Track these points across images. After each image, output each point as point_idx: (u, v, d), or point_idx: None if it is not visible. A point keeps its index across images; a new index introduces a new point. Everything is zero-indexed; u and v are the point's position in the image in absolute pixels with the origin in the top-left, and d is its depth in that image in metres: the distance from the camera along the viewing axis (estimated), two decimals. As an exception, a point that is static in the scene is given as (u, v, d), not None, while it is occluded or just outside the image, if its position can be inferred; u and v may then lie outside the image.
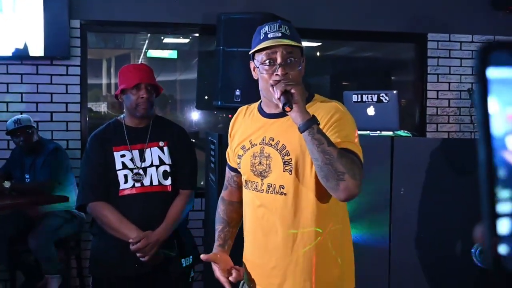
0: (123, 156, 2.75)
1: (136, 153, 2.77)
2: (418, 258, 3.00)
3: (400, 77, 5.85)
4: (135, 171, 2.73)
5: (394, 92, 3.34)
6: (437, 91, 5.15)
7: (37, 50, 4.39)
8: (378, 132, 3.29)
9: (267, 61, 1.83)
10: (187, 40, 5.35)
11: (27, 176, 4.29)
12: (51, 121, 4.54)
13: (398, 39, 5.25)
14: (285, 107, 1.69)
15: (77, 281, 4.47)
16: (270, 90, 1.78)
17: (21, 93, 4.49)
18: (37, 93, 4.50)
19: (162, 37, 5.29)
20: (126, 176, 2.72)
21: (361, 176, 1.70)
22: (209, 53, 4.79)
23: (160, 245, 2.68)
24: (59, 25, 4.38)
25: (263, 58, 1.84)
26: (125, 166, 2.73)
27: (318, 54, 5.60)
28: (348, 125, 1.83)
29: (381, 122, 3.33)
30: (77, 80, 4.56)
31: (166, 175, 2.77)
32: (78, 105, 4.57)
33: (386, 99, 3.32)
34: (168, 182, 2.78)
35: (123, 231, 2.65)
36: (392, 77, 5.88)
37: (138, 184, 2.72)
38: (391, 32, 5.08)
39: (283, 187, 1.85)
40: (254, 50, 1.87)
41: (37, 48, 4.38)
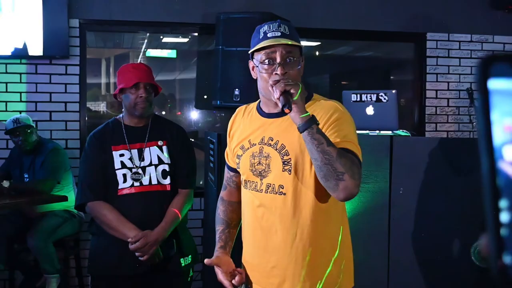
0: (122, 156, 2.75)
1: (135, 153, 2.77)
2: (417, 257, 3.00)
3: (399, 77, 5.86)
4: (134, 171, 2.73)
5: (393, 92, 3.35)
6: (436, 91, 5.15)
7: (36, 50, 4.38)
8: (377, 132, 3.30)
9: (266, 60, 1.83)
10: (186, 40, 5.35)
11: (26, 176, 4.29)
12: (50, 121, 4.54)
13: (397, 39, 5.25)
14: (285, 109, 1.69)
15: (76, 281, 4.46)
16: (270, 90, 1.78)
17: (20, 93, 4.48)
18: (36, 93, 4.50)
19: (161, 37, 5.29)
20: (125, 176, 2.72)
21: (360, 176, 1.70)
22: (208, 53, 4.79)
23: (159, 245, 2.68)
24: (58, 25, 4.38)
25: (262, 57, 1.84)
26: (124, 166, 2.73)
27: (317, 54, 5.60)
28: (347, 125, 1.83)
29: (380, 122, 3.33)
30: (76, 80, 4.56)
31: (165, 175, 2.77)
32: (77, 105, 4.57)
33: (385, 99, 3.32)
34: (167, 182, 2.77)
35: (122, 231, 2.64)
36: (391, 77, 5.88)
37: (137, 184, 2.72)
38: (390, 32, 5.08)
39: (282, 187, 1.85)
40: (254, 50, 1.87)
41: (36, 48, 4.38)
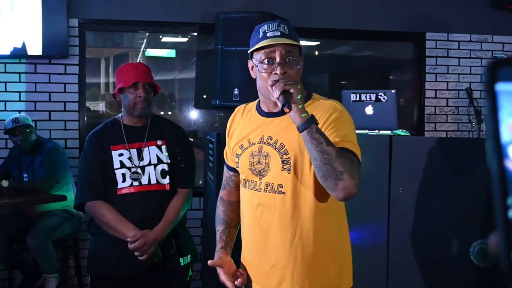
0: (121, 155, 2.75)
1: (134, 152, 2.77)
2: (416, 257, 3.00)
3: (399, 76, 5.86)
4: (133, 170, 2.73)
5: (393, 91, 3.35)
6: (435, 90, 5.15)
7: (36, 49, 4.38)
8: (377, 131, 3.30)
9: (266, 60, 1.83)
10: (186, 39, 5.35)
11: (25, 175, 4.29)
12: (50, 120, 4.53)
13: (397, 38, 5.26)
14: (284, 108, 1.69)
15: (75, 280, 4.46)
16: (269, 89, 1.78)
17: (19, 92, 4.48)
18: (36, 92, 4.50)
19: (161, 36, 5.29)
20: (124, 175, 2.72)
21: (360, 176, 1.70)
22: (208, 52, 4.79)
23: (158, 244, 2.68)
24: (58, 24, 4.38)
25: (262, 57, 1.84)
26: (123, 165, 2.73)
27: (317, 53, 5.60)
28: (347, 125, 1.83)
29: (380, 121, 3.33)
30: (76, 79, 4.56)
31: (164, 174, 2.77)
32: (77, 104, 4.57)
33: (385, 98, 3.33)
34: (166, 181, 2.77)
35: (121, 230, 2.64)
36: (391, 76, 5.89)
37: (136, 183, 2.72)
38: (390, 31, 5.08)
39: (282, 186, 1.85)
40: (253, 49, 1.87)
41: (36, 47, 4.38)
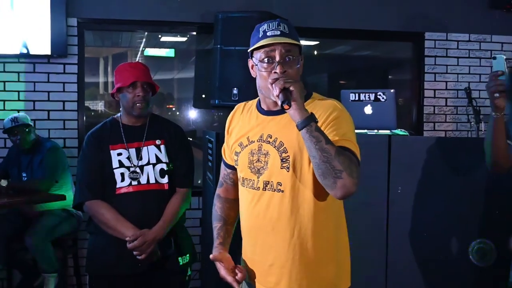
0: (120, 155, 2.75)
1: (133, 152, 2.77)
2: (415, 256, 3.00)
3: (397, 76, 5.86)
4: (132, 169, 2.73)
5: (392, 91, 3.35)
6: (434, 90, 5.16)
7: (35, 48, 4.38)
8: (376, 131, 3.30)
9: (266, 59, 1.83)
10: (185, 39, 5.35)
11: (24, 175, 4.29)
12: (48, 120, 4.53)
13: (396, 38, 5.26)
14: (284, 105, 1.69)
15: (74, 280, 4.46)
16: (269, 88, 1.78)
17: (18, 91, 4.48)
18: (34, 92, 4.50)
19: (160, 36, 5.29)
20: (123, 175, 2.71)
21: (358, 174, 1.70)
22: (207, 52, 4.79)
23: (157, 244, 2.68)
24: (57, 24, 4.37)
25: (262, 56, 1.84)
26: (122, 165, 2.73)
27: (316, 53, 5.60)
28: (346, 124, 1.84)
29: (379, 121, 3.34)
30: (74, 79, 4.56)
31: (163, 174, 2.77)
32: (75, 104, 4.57)
33: (384, 98, 3.33)
34: (165, 181, 2.77)
35: (120, 229, 2.64)
36: (390, 76, 5.89)
37: (135, 182, 2.72)
38: (389, 31, 5.08)
39: (281, 184, 1.85)
40: (253, 48, 1.87)
41: (35, 46, 4.38)
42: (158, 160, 2.78)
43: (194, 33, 5.00)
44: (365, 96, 3.37)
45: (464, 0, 5.15)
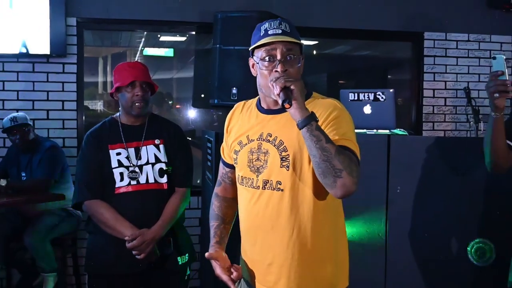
0: (119, 154, 2.75)
1: (132, 151, 2.77)
2: (415, 256, 3.00)
3: (397, 76, 5.87)
4: (131, 169, 2.73)
5: (391, 91, 3.35)
6: (433, 90, 5.16)
7: (34, 48, 4.38)
8: (375, 131, 3.30)
9: (267, 58, 1.83)
10: (184, 38, 5.35)
11: (24, 174, 4.28)
12: (48, 119, 4.53)
13: (395, 38, 5.26)
14: (285, 104, 1.69)
15: (73, 279, 4.46)
16: (269, 86, 1.78)
17: (17, 91, 4.48)
18: (33, 91, 4.50)
19: (159, 35, 5.29)
20: (122, 174, 2.72)
21: (358, 174, 1.70)
22: (206, 51, 4.79)
23: (156, 243, 2.68)
24: (56, 23, 4.37)
25: (263, 55, 1.84)
26: (121, 164, 2.73)
27: (315, 53, 5.60)
28: (346, 123, 1.84)
29: (378, 121, 3.34)
30: (74, 78, 4.56)
31: (162, 173, 2.77)
32: (75, 103, 4.57)
33: (383, 98, 3.33)
34: (164, 180, 2.77)
35: (119, 229, 2.64)
36: (389, 76, 5.89)
37: (134, 182, 2.72)
38: (388, 31, 5.08)
39: (280, 183, 1.85)
40: (254, 46, 1.87)
41: (34, 46, 4.37)
42: (157, 160, 2.78)
43: (193, 33, 4.99)
44: (364, 96, 3.37)
45: (463, 0, 5.15)
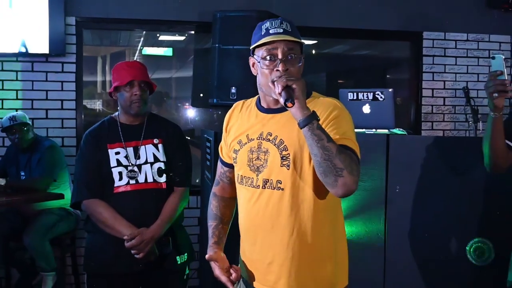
0: (118, 154, 2.75)
1: (131, 150, 2.77)
2: (414, 256, 3.01)
3: (396, 75, 5.87)
4: (130, 168, 2.73)
5: (390, 90, 3.35)
6: (432, 89, 5.16)
7: (33, 47, 4.37)
8: (374, 130, 3.30)
9: (268, 57, 1.83)
10: (183, 38, 5.34)
11: (23, 173, 4.28)
12: (47, 118, 4.53)
13: (394, 37, 5.26)
14: (287, 103, 1.69)
15: (72, 279, 4.46)
16: (270, 86, 1.78)
17: (16, 90, 4.48)
18: (33, 90, 4.49)
19: (158, 35, 5.28)
20: (121, 173, 2.72)
21: (359, 173, 1.70)
22: (205, 51, 4.79)
23: (155, 242, 2.68)
24: (55, 22, 4.37)
25: (264, 54, 1.84)
26: (120, 163, 2.73)
27: (314, 52, 5.60)
28: (346, 122, 1.84)
29: (377, 120, 3.34)
30: (73, 77, 4.56)
31: (161, 172, 2.77)
32: (74, 102, 4.57)
33: (382, 97, 3.33)
34: (163, 179, 2.77)
35: (118, 228, 2.64)
36: (388, 75, 5.89)
37: (133, 181, 2.72)
38: (387, 30, 5.09)
39: (280, 182, 1.85)
40: (255, 45, 1.87)
41: (33, 45, 4.37)
42: (156, 159, 2.78)
43: (193, 32, 4.99)
44: (363, 96, 3.37)
45: (462, 0, 5.15)
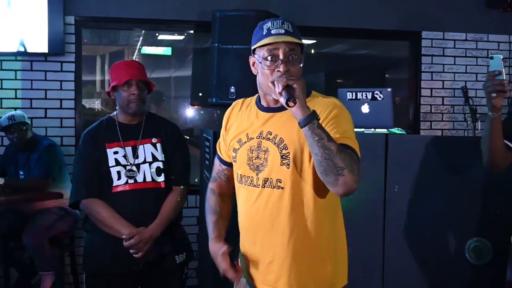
0: (116, 153, 2.75)
1: (129, 150, 2.77)
2: (413, 255, 3.01)
3: (395, 75, 5.87)
4: (128, 168, 2.73)
5: (389, 90, 3.35)
6: (431, 89, 5.17)
7: (32, 47, 4.37)
8: (373, 130, 3.30)
9: (269, 57, 1.83)
10: (182, 37, 5.34)
11: (21, 173, 4.28)
12: (46, 118, 4.53)
13: (393, 37, 5.27)
14: (289, 102, 1.69)
15: (71, 278, 4.46)
16: (270, 86, 1.79)
17: (15, 89, 4.47)
18: (32, 90, 4.49)
19: (157, 34, 5.28)
20: (119, 173, 2.72)
21: (359, 172, 1.70)
22: (204, 50, 4.79)
23: (154, 242, 2.68)
24: (54, 21, 4.37)
25: (265, 54, 1.84)
26: (118, 163, 2.73)
27: (313, 52, 5.60)
28: (346, 121, 1.84)
29: (376, 120, 3.34)
30: (72, 77, 4.55)
31: (159, 172, 2.77)
32: (73, 102, 4.56)
33: (381, 97, 3.33)
34: (161, 179, 2.78)
35: (116, 228, 2.64)
36: (387, 75, 5.89)
37: (131, 181, 2.72)
38: (386, 30, 5.09)
39: (280, 181, 1.85)
40: (256, 46, 1.87)
41: (32, 45, 4.37)
42: (154, 159, 2.78)
43: (192, 32, 5.00)
44: (362, 95, 3.37)
45: (461, 0, 5.15)
